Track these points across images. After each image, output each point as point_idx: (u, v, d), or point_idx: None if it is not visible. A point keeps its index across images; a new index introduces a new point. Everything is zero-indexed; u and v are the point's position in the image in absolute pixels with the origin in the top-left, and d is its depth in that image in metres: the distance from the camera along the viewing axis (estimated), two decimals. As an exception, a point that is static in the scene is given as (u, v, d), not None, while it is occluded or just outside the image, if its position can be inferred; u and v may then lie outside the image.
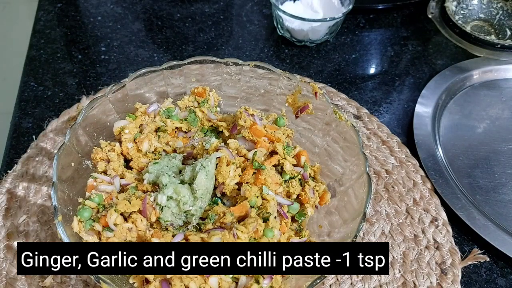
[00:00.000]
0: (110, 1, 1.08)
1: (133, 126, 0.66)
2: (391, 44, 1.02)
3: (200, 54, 0.97)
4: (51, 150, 0.76)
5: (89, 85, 0.89)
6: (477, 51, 0.96)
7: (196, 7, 1.08)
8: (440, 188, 0.74)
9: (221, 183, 0.60)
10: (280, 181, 0.63)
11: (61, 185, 0.57)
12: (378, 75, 0.96)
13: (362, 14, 1.08)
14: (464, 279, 0.66)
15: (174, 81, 0.72)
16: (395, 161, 0.78)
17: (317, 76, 0.94)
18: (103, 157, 0.64)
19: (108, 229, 0.56)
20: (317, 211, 0.65)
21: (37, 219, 0.68)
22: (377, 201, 0.73)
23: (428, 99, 0.87)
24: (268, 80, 0.72)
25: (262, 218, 0.58)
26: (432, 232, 0.70)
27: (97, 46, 0.97)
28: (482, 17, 1.05)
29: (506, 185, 0.77)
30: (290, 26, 0.95)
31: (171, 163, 0.63)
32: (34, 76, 0.91)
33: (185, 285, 0.51)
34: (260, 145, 0.63)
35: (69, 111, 0.82)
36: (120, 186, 0.62)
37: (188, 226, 0.59)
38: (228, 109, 0.76)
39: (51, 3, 1.07)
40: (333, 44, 1.01)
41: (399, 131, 0.85)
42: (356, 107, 0.87)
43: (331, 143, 0.68)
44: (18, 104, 0.86)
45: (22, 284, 0.61)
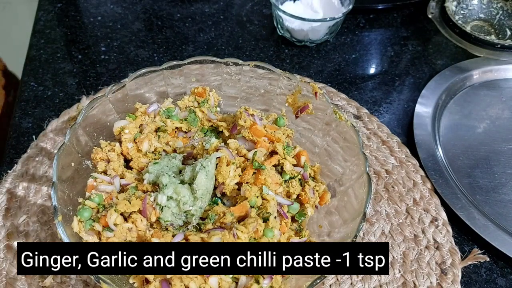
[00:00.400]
0: (110, 1, 1.08)
1: (133, 126, 0.66)
2: (391, 44, 1.02)
3: (200, 54, 0.97)
4: (51, 150, 0.76)
5: (89, 85, 0.89)
6: (477, 51, 0.96)
7: (196, 7, 1.08)
8: (440, 188, 0.74)
9: (221, 183, 0.60)
10: (280, 181, 0.63)
11: (61, 185, 0.57)
12: (378, 75, 0.96)
13: (362, 14, 1.08)
14: (464, 279, 0.66)
15: (174, 81, 0.72)
16: (395, 161, 0.78)
17: (317, 76, 0.94)
18: (103, 157, 0.64)
19: (108, 229, 0.56)
20: (317, 211, 0.64)
21: (37, 219, 0.68)
22: (377, 201, 0.73)
23: (428, 99, 0.87)
24: (268, 80, 0.72)
25: (262, 218, 0.58)
26: (432, 232, 0.70)
27: (97, 46, 0.97)
28: (482, 17, 1.05)
29: (506, 185, 0.77)
30: (290, 26, 0.95)
31: (171, 163, 0.63)
32: (34, 76, 0.91)
33: (185, 285, 0.51)
34: (260, 145, 0.63)
35: (69, 111, 0.82)
36: (120, 186, 0.62)
37: (188, 226, 0.59)
38: (228, 109, 0.76)
39: (51, 3, 1.07)
40: (333, 44, 1.01)
41: (399, 131, 0.85)
42: (356, 107, 0.87)
43: (331, 143, 0.68)
44: (18, 104, 0.86)
45: (22, 284, 0.61)
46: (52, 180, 0.56)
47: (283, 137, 0.65)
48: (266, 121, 0.68)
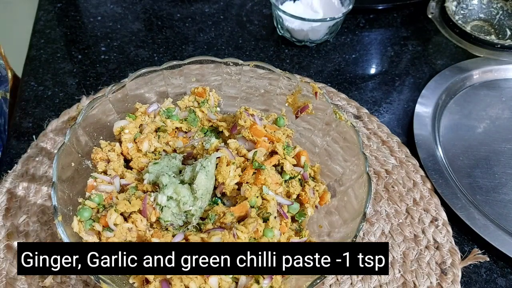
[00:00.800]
0: (110, 1, 1.08)
1: (133, 126, 0.66)
2: (391, 44, 1.02)
3: (200, 54, 0.97)
4: (51, 150, 0.76)
5: (89, 85, 0.89)
6: (477, 51, 0.96)
7: (196, 7, 1.08)
8: (440, 188, 0.74)
9: (221, 183, 0.60)
10: (280, 181, 0.63)
11: (61, 185, 0.57)
12: (378, 75, 0.96)
13: (362, 14, 1.08)
14: (464, 279, 0.66)
15: (174, 81, 0.72)
16: (395, 161, 0.78)
17: (317, 76, 0.94)
18: (103, 157, 0.64)
19: (108, 229, 0.56)
20: (317, 211, 0.64)
21: (37, 219, 0.68)
22: (377, 201, 0.73)
23: (428, 99, 0.87)
24: (268, 80, 0.72)
25: (262, 218, 0.58)
26: (432, 232, 0.70)
27: (97, 46, 0.97)
28: (482, 17, 1.05)
29: (506, 185, 0.77)
30: (290, 26, 0.95)
31: (171, 163, 0.63)
32: (34, 76, 0.91)
33: (185, 285, 0.51)
34: (260, 145, 0.63)
35: (69, 111, 0.82)
36: (120, 186, 0.62)
37: (188, 226, 0.59)
38: (228, 109, 0.76)
39: (51, 3, 1.07)
40: (333, 44, 1.01)
41: (399, 131, 0.85)
42: (356, 107, 0.87)
43: (331, 143, 0.68)
44: (18, 104, 0.86)
45: (22, 284, 0.61)
46: (52, 180, 0.56)
47: (283, 137, 0.65)
48: (266, 121, 0.68)
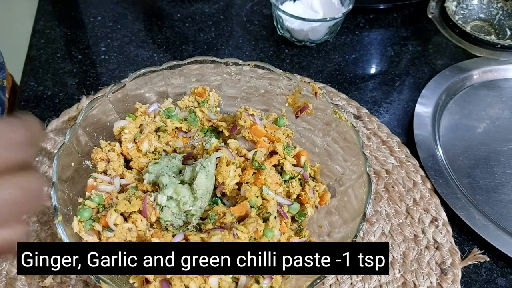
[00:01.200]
0: (110, 1, 1.08)
1: (133, 126, 0.66)
2: (391, 44, 1.02)
3: (200, 54, 0.97)
4: (51, 150, 0.76)
5: (89, 85, 0.89)
6: (477, 51, 0.96)
7: (196, 7, 1.08)
8: (440, 188, 0.74)
9: (221, 183, 0.60)
10: (280, 181, 0.63)
11: (61, 185, 0.57)
12: (378, 75, 0.96)
13: (362, 14, 1.08)
14: (464, 279, 0.66)
15: (174, 81, 0.72)
16: (395, 161, 0.78)
17: (317, 76, 0.94)
18: (103, 157, 0.64)
19: (108, 229, 0.56)
20: (317, 211, 0.64)
21: (37, 219, 0.68)
22: (377, 201, 0.73)
23: (428, 99, 0.87)
24: (268, 80, 0.72)
25: (262, 218, 0.58)
26: (432, 232, 0.70)
27: (97, 46, 0.97)
28: (482, 17, 1.05)
29: (506, 185, 0.77)
30: (290, 26, 0.95)
31: (171, 163, 0.63)
32: (34, 76, 0.91)
33: (185, 285, 0.52)
34: (260, 145, 0.63)
35: (69, 111, 0.82)
36: (120, 186, 0.62)
37: (188, 226, 0.59)
38: (228, 109, 0.76)
39: (51, 3, 1.07)
40: (333, 44, 1.01)
41: (399, 131, 0.85)
42: (356, 107, 0.87)
43: (331, 143, 0.68)
44: (18, 104, 0.86)
45: (22, 284, 0.61)
46: (52, 180, 0.56)
47: (283, 137, 0.65)
48: (266, 121, 0.68)
